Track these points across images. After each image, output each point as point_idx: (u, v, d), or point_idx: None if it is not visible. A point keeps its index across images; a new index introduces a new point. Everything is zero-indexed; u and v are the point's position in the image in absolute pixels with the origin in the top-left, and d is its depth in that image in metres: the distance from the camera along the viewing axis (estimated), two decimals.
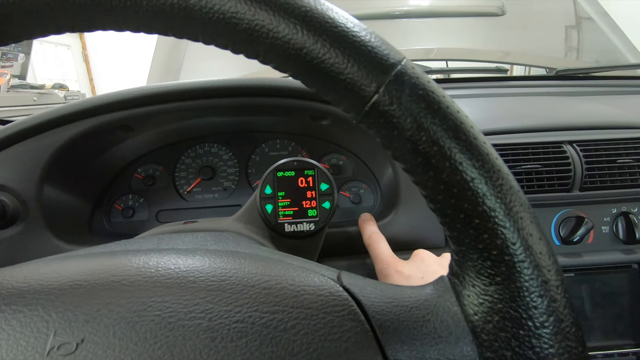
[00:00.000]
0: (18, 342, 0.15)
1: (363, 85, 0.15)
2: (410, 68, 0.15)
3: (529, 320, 0.14)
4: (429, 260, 0.35)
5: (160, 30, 0.16)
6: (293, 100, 0.45)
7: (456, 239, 0.16)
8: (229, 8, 0.15)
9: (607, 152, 0.49)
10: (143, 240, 0.26)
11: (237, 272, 0.18)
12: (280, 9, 0.15)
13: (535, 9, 1.05)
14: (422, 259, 0.35)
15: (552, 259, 0.15)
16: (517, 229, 0.15)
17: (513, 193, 0.15)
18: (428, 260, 0.35)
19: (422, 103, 0.15)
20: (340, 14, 0.15)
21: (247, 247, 0.26)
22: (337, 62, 0.15)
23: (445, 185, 0.15)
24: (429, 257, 0.36)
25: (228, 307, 0.16)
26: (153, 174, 0.55)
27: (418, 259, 0.36)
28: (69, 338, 0.15)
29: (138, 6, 0.15)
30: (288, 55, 0.15)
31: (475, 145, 0.15)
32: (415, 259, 0.36)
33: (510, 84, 0.77)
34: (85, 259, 0.19)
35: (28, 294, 0.17)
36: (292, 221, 0.37)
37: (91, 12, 0.16)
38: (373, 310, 0.17)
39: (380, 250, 0.38)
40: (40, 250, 0.42)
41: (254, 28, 0.15)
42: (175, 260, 0.19)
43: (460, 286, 0.17)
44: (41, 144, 0.42)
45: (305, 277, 0.18)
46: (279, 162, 0.38)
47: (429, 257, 0.36)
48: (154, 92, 0.43)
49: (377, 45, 0.15)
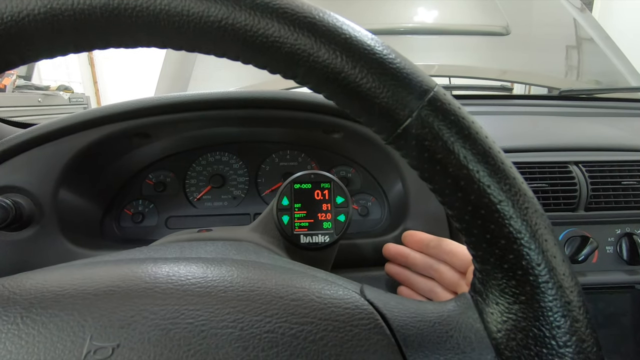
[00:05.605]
0: (55, 346, 0.15)
1: (397, 109, 0.16)
2: (442, 94, 0.16)
3: (552, 340, 0.15)
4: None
5: (202, 49, 0.17)
6: (307, 113, 0.46)
7: (481, 258, 0.17)
8: (273, 32, 0.15)
9: (612, 173, 0.50)
10: (166, 248, 0.27)
11: (265, 283, 0.19)
12: (322, 36, 0.15)
13: (539, 30, 1.07)
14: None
15: (575, 281, 0.15)
16: (542, 250, 0.15)
17: (538, 216, 0.16)
18: None
19: (454, 128, 0.16)
20: (377, 42, 0.16)
21: (268, 257, 0.26)
22: (373, 87, 0.16)
23: (472, 207, 0.16)
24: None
25: (258, 317, 0.17)
26: (164, 181, 0.55)
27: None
28: (105, 343, 0.16)
29: (185, 27, 0.16)
30: (326, 78, 0.16)
31: (503, 169, 0.16)
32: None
33: (513, 102, 0.79)
34: (115, 266, 0.20)
35: (63, 299, 0.17)
36: (307, 233, 0.38)
37: (135, 32, 0.16)
38: (397, 324, 0.17)
39: (461, 248, 0.34)
40: (53, 252, 0.43)
41: (295, 52, 0.16)
42: (204, 269, 0.19)
43: (483, 303, 0.17)
44: (60, 148, 0.43)
45: (330, 289, 0.19)
46: (297, 175, 0.39)
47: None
48: (175, 102, 0.44)
49: (412, 72, 0.16)
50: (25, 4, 0.15)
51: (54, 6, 0.15)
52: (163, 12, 0.15)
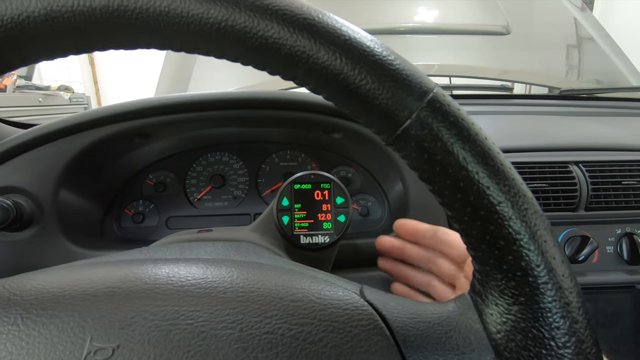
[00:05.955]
0: (55, 347, 0.15)
1: (397, 110, 0.16)
2: (441, 95, 0.16)
3: (551, 341, 0.15)
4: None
5: (202, 51, 0.17)
6: (308, 113, 0.46)
7: (480, 259, 0.17)
8: (272, 34, 0.15)
9: (612, 173, 0.50)
10: (166, 248, 0.27)
11: (264, 284, 0.19)
12: (321, 37, 0.15)
13: (539, 30, 1.07)
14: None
15: (574, 282, 0.15)
16: (541, 251, 0.15)
17: (537, 217, 0.16)
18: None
19: (453, 129, 0.16)
20: (376, 43, 0.16)
21: (268, 258, 0.26)
22: (372, 88, 0.16)
23: (472, 208, 0.16)
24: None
25: (258, 318, 0.17)
26: (164, 181, 0.55)
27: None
28: (105, 344, 0.16)
29: (184, 29, 0.16)
30: (325, 80, 0.16)
31: (502, 170, 0.16)
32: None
33: (513, 102, 0.79)
34: (115, 267, 0.20)
35: (64, 300, 0.17)
36: (307, 233, 0.38)
37: (140, 33, 0.16)
38: (397, 325, 0.17)
39: (458, 237, 0.33)
40: (54, 253, 0.43)
41: (294, 53, 0.16)
42: (204, 270, 0.19)
43: (482, 304, 0.17)
44: (61, 148, 0.43)
45: (330, 290, 0.19)
46: (297, 175, 0.39)
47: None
48: (175, 102, 0.44)
49: (411, 74, 0.16)
50: (25, 6, 0.15)
51: (53, 8, 0.15)
52: (163, 14, 0.15)
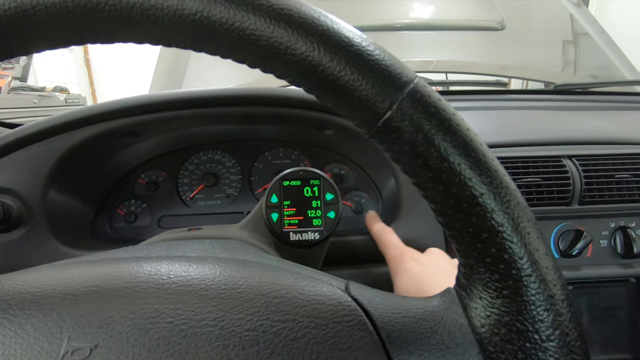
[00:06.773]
0: (32, 347, 0.15)
1: (377, 102, 0.15)
2: (422, 86, 0.16)
3: (535, 334, 0.15)
4: (441, 257, 0.36)
5: (179, 44, 0.17)
6: (298, 110, 0.46)
7: (464, 252, 0.16)
8: (249, 25, 0.15)
9: (605, 167, 0.50)
10: (152, 247, 0.27)
11: (247, 281, 0.18)
12: (299, 28, 0.15)
13: (534, 25, 1.07)
14: (435, 254, 0.37)
15: (558, 274, 0.15)
16: (524, 244, 0.15)
17: (521, 209, 0.15)
18: (440, 257, 0.36)
19: (434, 120, 0.15)
20: (355, 33, 0.16)
21: (255, 255, 0.26)
22: (352, 79, 0.15)
23: (454, 200, 0.16)
24: (442, 254, 0.37)
25: (240, 315, 0.17)
26: (156, 180, 0.55)
27: (432, 254, 0.37)
28: (82, 343, 0.15)
29: (159, 21, 0.15)
30: (304, 71, 0.16)
31: (485, 162, 0.15)
32: (429, 253, 0.37)
33: (509, 97, 0.78)
34: (97, 265, 0.20)
35: (42, 299, 0.17)
36: (297, 230, 0.38)
37: (113, 25, 0.16)
38: (381, 320, 0.17)
39: (393, 238, 0.39)
40: (43, 253, 0.42)
41: (272, 45, 0.15)
42: (186, 267, 0.19)
43: (467, 298, 0.17)
44: (48, 148, 0.43)
45: (314, 286, 0.19)
46: (286, 172, 0.39)
47: (442, 254, 0.37)
48: (163, 100, 0.43)
49: (391, 64, 0.16)
50: None
51: (24, 1, 0.15)
52: (137, 6, 0.15)
